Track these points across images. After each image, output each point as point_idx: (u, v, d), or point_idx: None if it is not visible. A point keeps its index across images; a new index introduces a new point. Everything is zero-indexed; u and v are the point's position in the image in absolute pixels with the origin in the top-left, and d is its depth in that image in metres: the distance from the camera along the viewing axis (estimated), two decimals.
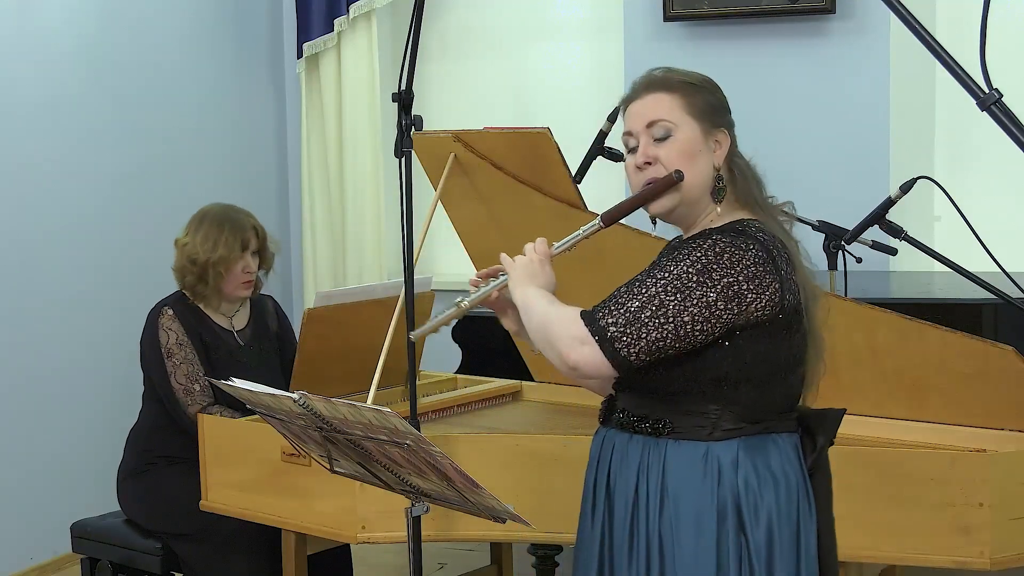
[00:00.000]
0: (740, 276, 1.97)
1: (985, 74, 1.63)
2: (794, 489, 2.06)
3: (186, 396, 3.47)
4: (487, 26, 5.48)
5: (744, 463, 2.03)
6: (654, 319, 1.96)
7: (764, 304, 1.99)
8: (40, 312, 4.49)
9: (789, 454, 2.08)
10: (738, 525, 2.02)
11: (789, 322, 2.03)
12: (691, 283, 1.96)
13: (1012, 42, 4.48)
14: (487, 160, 3.09)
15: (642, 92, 2.12)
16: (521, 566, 4.01)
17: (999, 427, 2.83)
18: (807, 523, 2.07)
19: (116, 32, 4.80)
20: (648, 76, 2.14)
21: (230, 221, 3.56)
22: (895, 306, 2.90)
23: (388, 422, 2.02)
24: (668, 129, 2.07)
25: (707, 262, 1.97)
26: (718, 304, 1.96)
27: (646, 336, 1.96)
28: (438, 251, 5.46)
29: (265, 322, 3.70)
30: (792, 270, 2.04)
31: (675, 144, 2.07)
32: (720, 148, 2.10)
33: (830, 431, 2.14)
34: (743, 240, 2.00)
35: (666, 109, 2.08)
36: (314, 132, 5.50)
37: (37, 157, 4.49)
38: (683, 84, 2.11)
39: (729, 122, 2.14)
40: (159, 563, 3.50)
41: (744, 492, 2.02)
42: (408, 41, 2.60)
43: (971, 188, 4.56)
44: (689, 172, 2.06)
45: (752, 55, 4.72)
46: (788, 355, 2.06)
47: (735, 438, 2.03)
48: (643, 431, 2.09)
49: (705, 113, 2.09)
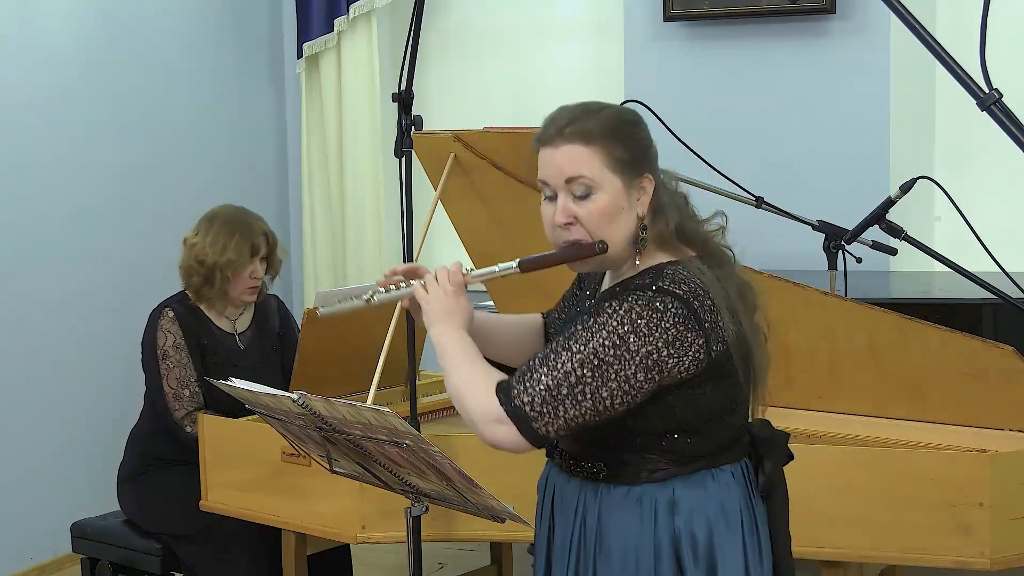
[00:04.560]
0: (659, 343, 1.86)
1: (985, 74, 1.63)
2: (736, 522, 1.99)
3: (175, 401, 3.47)
4: (487, 26, 5.48)
5: (680, 503, 1.96)
6: (571, 396, 1.87)
7: (688, 364, 1.89)
8: (40, 312, 4.49)
9: (730, 485, 2.00)
10: (676, 567, 1.96)
11: (718, 371, 1.94)
12: (608, 358, 1.86)
13: (1012, 42, 4.48)
14: (487, 160, 3.09)
15: (557, 140, 1.95)
16: (521, 566, 4.01)
17: (999, 427, 2.83)
18: (755, 552, 2.01)
19: (116, 32, 4.80)
20: (563, 119, 1.96)
21: (242, 225, 3.54)
22: (895, 306, 2.90)
23: (387, 422, 2.02)
24: (588, 187, 1.93)
25: (623, 333, 1.86)
26: (637, 376, 1.87)
27: (563, 414, 1.88)
28: (438, 251, 5.46)
29: (268, 324, 3.70)
30: (718, 316, 1.92)
31: (596, 204, 1.94)
32: (644, 195, 1.97)
33: (779, 455, 2.07)
34: (660, 299, 1.88)
35: (585, 164, 1.93)
36: (314, 132, 5.50)
37: (37, 156, 4.49)
38: (602, 135, 1.93)
39: (652, 162, 2.00)
40: (159, 563, 3.50)
41: (683, 532, 1.96)
42: (408, 41, 2.60)
43: (971, 188, 4.56)
44: (612, 235, 1.95)
45: (752, 55, 4.72)
46: (723, 401, 1.98)
47: (671, 479, 1.97)
48: (579, 474, 2.04)
49: (627, 165, 1.94)
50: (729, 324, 1.94)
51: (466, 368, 1.97)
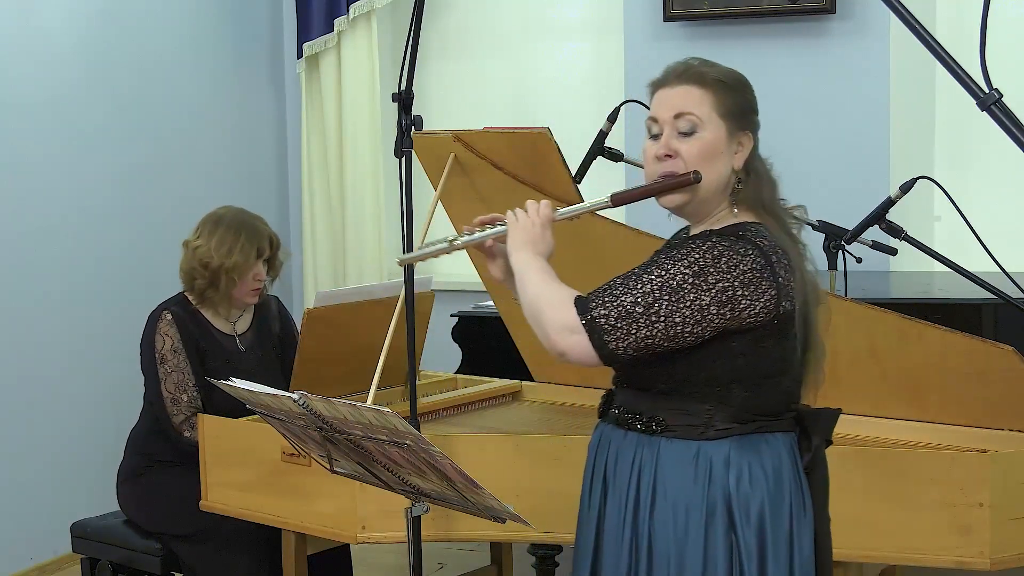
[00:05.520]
0: (736, 281, 1.97)
1: (985, 74, 1.63)
2: (786, 489, 2.06)
3: (173, 405, 3.46)
4: (487, 26, 5.48)
5: (735, 462, 2.03)
6: (645, 316, 1.96)
7: (758, 311, 1.98)
8: (40, 312, 4.49)
9: (782, 453, 2.07)
10: (728, 524, 2.02)
11: (783, 329, 2.03)
12: (685, 284, 1.96)
13: (1012, 42, 4.48)
14: (487, 160, 3.09)
15: (674, 81, 2.09)
16: (521, 566, 4.01)
17: (999, 427, 2.83)
18: (800, 522, 2.07)
19: (116, 32, 4.80)
20: (684, 64, 2.10)
21: (247, 227, 3.53)
22: (895, 306, 2.90)
23: (388, 422, 2.02)
24: (694, 124, 2.05)
25: (703, 265, 1.97)
26: (711, 308, 1.96)
27: (636, 332, 1.96)
28: None
29: (268, 325, 3.69)
30: (791, 277, 2.03)
31: (698, 142, 2.05)
32: (742, 150, 2.09)
33: (826, 430, 2.14)
34: (742, 245, 1.99)
35: (695, 103, 2.05)
36: (314, 132, 5.50)
37: (37, 156, 4.49)
38: (717, 82, 2.07)
39: (755, 124, 2.12)
40: (159, 563, 3.50)
41: (735, 491, 2.02)
42: (408, 41, 2.60)
43: (971, 188, 4.56)
44: (707, 173, 2.04)
45: (752, 55, 4.72)
46: (780, 360, 2.06)
47: (727, 438, 2.03)
48: (637, 428, 2.10)
49: (734, 114, 2.07)
50: (800, 289, 2.03)
51: (544, 285, 2.06)
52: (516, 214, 2.16)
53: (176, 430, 3.45)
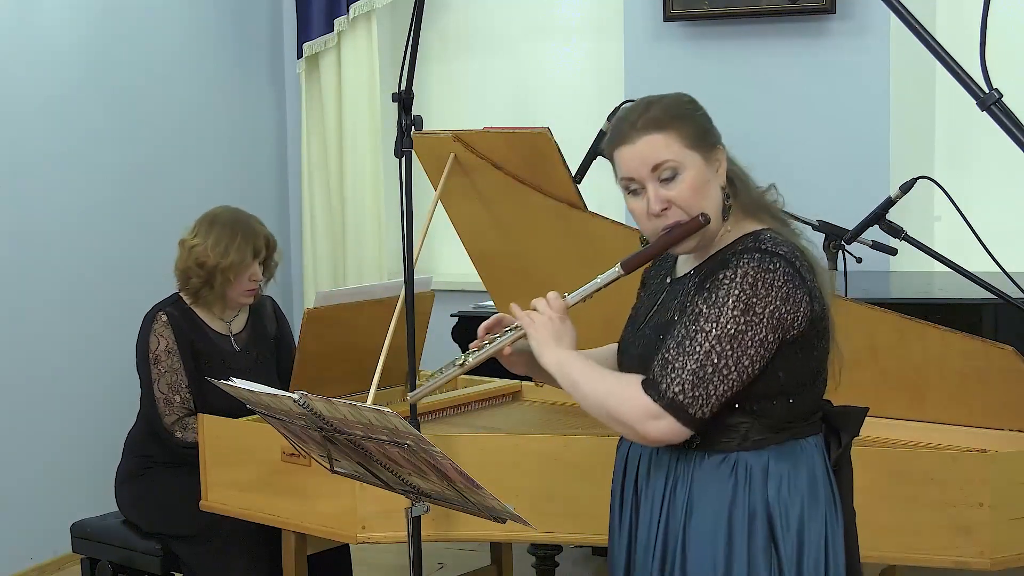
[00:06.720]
0: (777, 300, 1.96)
1: (985, 74, 1.63)
2: (821, 493, 2.06)
3: (165, 406, 3.46)
4: (487, 26, 5.48)
5: (774, 472, 2.02)
6: (717, 374, 1.95)
7: (800, 321, 1.98)
8: (39, 312, 4.49)
9: (815, 457, 2.07)
10: (768, 535, 2.01)
11: (819, 330, 2.03)
12: (740, 327, 1.94)
13: (1012, 42, 4.48)
14: (487, 160, 3.08)
15: (633, 136, 2.03)
16: (521, 566, 4.01)
17: (999, 427, 2.83)
18: (834, 526, 2.06)
19: (116, 32, 4.80)
20: (632, 116, 2.05)
21: (243, 227, 3.53)
22: (895, 306, 2.90)
23: (388, 422, 2.02)
24: (674, 169, 2.02)
25: (746, 298, 1.95)
26: (768, 337, 1.96)
27: (714, 392, 1.95)
28: (438, 251, 5.46)
29: (263, 326, 3.69)
30: (814, 276, 2.03)
31: (685, 183, 2.02)
32: (721, 164, 2.07)
33: (854, 428, 2.14)
34: (768, 260, 1.97)
35: (665, 149, 2.01)
36: (314, 132, 5.50)
37: (37, 156, 4.48)
38: (672, 119, 2.03)
39: (718, 135, 2.10)
40: (159, 563, 3.50)
41: (775, 501, 2.02)
42: (408, 41, 2.60)
43: (971, 188, 4.56)
44: (707, 207, 2.03)
45: (752, 55, 4.72)
46: (818, 364, 2.06)
47: (764, 448, 2.03)
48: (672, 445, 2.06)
49: (700, 139, 2.04)
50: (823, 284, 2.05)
51: (599, 380, 2.05)
52: (531, 316, 2.11)
53: (167, 431, 3.45)
